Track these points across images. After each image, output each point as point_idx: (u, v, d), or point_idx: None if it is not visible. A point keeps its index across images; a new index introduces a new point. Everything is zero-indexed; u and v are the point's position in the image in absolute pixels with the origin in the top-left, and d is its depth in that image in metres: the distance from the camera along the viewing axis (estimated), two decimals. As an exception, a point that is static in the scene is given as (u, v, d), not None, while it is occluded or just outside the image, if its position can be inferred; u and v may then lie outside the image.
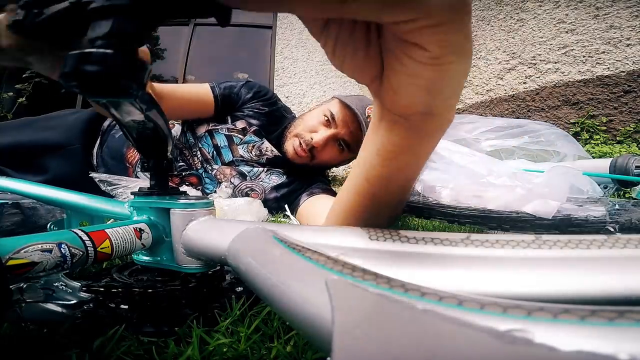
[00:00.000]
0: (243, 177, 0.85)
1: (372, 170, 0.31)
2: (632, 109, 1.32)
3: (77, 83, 0.21)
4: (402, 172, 0.30)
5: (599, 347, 0.08)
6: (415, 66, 0.21)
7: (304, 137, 0.81)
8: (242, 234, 0.23)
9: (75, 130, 0.81)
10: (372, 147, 0.30)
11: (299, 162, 0.84)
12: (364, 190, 0.32)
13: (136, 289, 0.30)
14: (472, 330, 0.09)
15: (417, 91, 0.22)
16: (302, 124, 0.85)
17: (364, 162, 0.31)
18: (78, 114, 0.86)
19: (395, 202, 0.33)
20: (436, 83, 0.22)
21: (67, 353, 0.24)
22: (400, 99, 0.24)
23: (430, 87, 0.22)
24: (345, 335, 0.11)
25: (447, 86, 0.23)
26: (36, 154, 0.78)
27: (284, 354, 0.25)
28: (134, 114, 0.27)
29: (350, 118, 0.81)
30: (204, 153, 0.85)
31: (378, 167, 0.30)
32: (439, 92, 0.23)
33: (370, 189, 0.31)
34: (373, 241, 0.22)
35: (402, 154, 0.28)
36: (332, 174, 2.51)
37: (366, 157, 0.31)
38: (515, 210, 0.37)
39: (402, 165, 0.29)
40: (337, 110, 0.82)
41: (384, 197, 0.32)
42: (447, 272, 0.18)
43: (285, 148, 0.85)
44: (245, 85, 0.91)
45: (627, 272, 0.15)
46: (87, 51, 0.20)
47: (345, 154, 0.85)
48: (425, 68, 0.21)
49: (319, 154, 0.82)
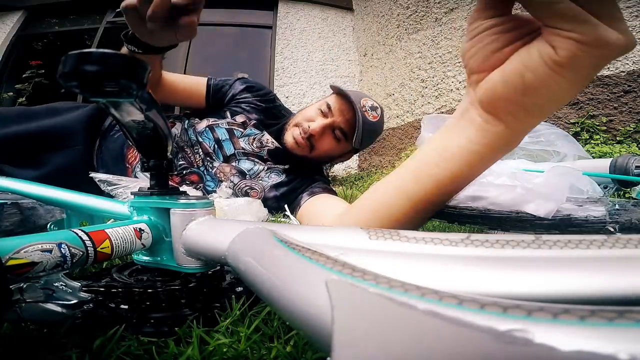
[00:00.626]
0: (243, 176, 0.85)
1: (425, 167, 0.32)
2: (632, 109, 1.32)
3: (77, 83, 0.21)
4: (454, 177, 0.31)
5: (599, 347, 0.08)
6: (537, 62, 0.23)
7: (302, 126, 0.83)
8: (242, 234, 0.23)
9: (80, 128, 0.80)
10: (433, 145, 0.32)
11: (298, 152, 0.85)
12: (410, 189, 0.33)
13: (136, 289, 0.30)
14: (472, 330, 0.09)
15: (520, 85, 0.25)
16: (301, 115, 0.87)
17: (419, 158, 0.33)
18: (80, 109, 0.84)
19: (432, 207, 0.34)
20: (542, 89, 0.24)
21: (67, 353, 0.24)
22: (503, 89, 0.26)
23: (534, 88, 0.24)
24: (345, 335, 0.11)
25: (546, 97, 0.25)
26: (36, 148, 0.76)
27: (284, 354, 0.25)
28: (134, 114, 0.27)
29: (346, 107, 0.83)
30: (205, 147, 0.85)
31: (432, 166, 0.31)
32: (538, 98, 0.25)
33: (416, 188, 0.32)
34: (373, 241, 0.22)
35: (461, 159, 0.30)
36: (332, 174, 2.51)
37: (424, 154, 0.32)
38: (515, 210, 0.37)
39: (455, 169, 0.30)
40: (334, 101, 0.85)
41: (424, 198, 0.33)
42: (447, 272, 0.18)
43: (285, 139, 0.86)
44: (240, 80, 0.93)
45: (627, 272, 0.15)
46: (87, 51, 0.20)
47: (343, 144, 0.86)
48: (544, 67, 0.23)
49: (318, 143, 0.84)
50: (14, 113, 0.82)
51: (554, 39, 0.22)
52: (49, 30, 3.41)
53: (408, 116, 2.30)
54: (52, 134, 0.77)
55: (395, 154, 2.34)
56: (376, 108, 0.85)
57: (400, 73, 2.41)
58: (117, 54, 0.21)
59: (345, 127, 0.84)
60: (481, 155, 0.29)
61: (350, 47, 3.16)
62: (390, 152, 2.44)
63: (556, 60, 0.22)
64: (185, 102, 0.91)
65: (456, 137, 0.30)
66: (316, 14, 3.20)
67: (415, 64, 2.26)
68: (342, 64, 3.10)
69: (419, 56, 2.23)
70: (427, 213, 0.35)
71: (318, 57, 3.07)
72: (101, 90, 0.22)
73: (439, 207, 0.35)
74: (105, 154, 0.81)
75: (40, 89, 2.72)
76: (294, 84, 2.98)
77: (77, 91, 0.22)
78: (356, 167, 2.80)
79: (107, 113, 0.27)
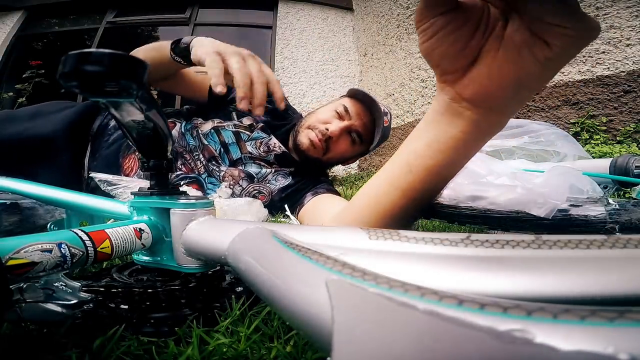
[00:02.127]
0: (251, 180, 0.84)
1: (418, 160, 0.32)
2: (632, 109, 1.32)
3: (77, 83, 0.21)
4: (447, 167, 0.32)
5: (599, 347, 0.08)
6: (529, 60, 0.23)
7: (319, 128, 0.82)
8: (242, 234, 0.23)
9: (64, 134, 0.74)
10: (423, 140, 0.32)
11: (313, 154, 0.84)
12: (402, 181, 0.33)
13: (136, 289, 0.30)
14: (472, 330, 0.09)
15: (511, 82, 0.25)
16: (314, 117, 0.86)
17: (409, 152, 0.33)
18: (65, 111, 0.79)
19: (427, 198, 0.35)
20: (532, 81, 0.25)
21: (67, 353, 0.24)
22: (492, 87, 0.26)
23: (525, 82, 0.25)
24: (345, 335, 0.11)
25: (536, 87, 0.26)
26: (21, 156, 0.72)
27: (284, 354, 0.25)
28: (134, 114, 0.27)
29: (363, 111, 0.83)
30: (210, 151, 0.82)
31: (426, 159, 0.31)
32: (528, 89, 0.25)
33: (411, 180, 0.33)
34: (373, 241, 0.22)
35: (455, 149, 0.30)
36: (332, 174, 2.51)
37: (413, 148, 0.33)
38: (516, 210, 0.37)
39: (448, 160, 0.31)
40: (350, 104, 0.84)
41: (420, 190, 0.33)
42: (447, 272, 0.18)
43: (300, 140, 0.84)
44: None
45: (627, 272, 0.15)
46: (87, 51, 0.20)
47: (357, 146, 0.87)
48: (535, 64, 0.23)
49: (334, 146, 0.83)
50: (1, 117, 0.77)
51: (547, 35, 0.22)
52: (49, 30, 3.41)
53: (408, 116, 2.30)
54: (34, 140, 0.72)
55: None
56: (387, 113, 0.85)
57: (400, 73, 2.41)
58: (117, 53, 0.21)
59: (362, 130, 0.84)
60: (476, 142, 0.30)
61: (350, 47, 3.16)
62: (390, 152, 2.44)
63: (549, 56, 0.23)
64: (190, 95, 0.89)
65: (446, 130, 0.30)
66: (316, 14, 3.20)
67: (415, 64, 2.26)
68: (342, 64, 3.10)
69: (419, 56, 2.23)
70: (423, 202, 0.35)
71: (318, 57, 3.07)
72: (101, 90, 0.22)
73: (434, 195, 0.36)
74: (100, 162, 0.77)
75: (40, 89, 2.72)
76: (294, 84, 2.98)
77: (77, 91, 0.22)
78: (356, 167, 2.80)
79: (105, 112, 0.27)
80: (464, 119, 0.28)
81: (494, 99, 0.27)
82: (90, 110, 0.81)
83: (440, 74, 0.28)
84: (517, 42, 0.23)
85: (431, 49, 0.26)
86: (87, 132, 0.79)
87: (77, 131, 0.77)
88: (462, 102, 0.28)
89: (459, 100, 0.28)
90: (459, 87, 0.27)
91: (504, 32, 0.24)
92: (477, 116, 0.28)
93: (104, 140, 0.78)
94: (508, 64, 0.24)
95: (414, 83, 2.27)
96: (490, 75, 0.25)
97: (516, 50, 0.24)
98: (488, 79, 0.26)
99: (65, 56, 0.21)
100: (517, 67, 0.24)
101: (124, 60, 0.21)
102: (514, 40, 0.24)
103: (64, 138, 0.75)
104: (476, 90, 0.27)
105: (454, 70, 0.27)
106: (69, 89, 0.22)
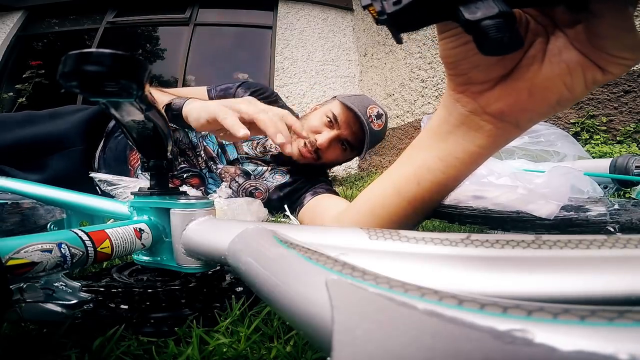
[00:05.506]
0: (247, 176, 0.85)
1: (427, 175, 0.31)
2: (632, 109, 1.32)
3: (77, 83, 0.21)
4: (457, 180, 0.31)
5: (599, 347, 0.08)
6: (578, 81, 0.22)
7: (308, 139, 0.82)
8: (242, 234, 0.23)
9: (79, 130, 0.81)
10: (433, 152, 0.30)
11: (304, 162, 0.85)
12: (410, 192, 0.33)
13: (136, 289, 0.30)
14: (472, 330, 0.09)
15: (553, 100, 0.24)
16: (305, 124, 0.85)
17: (420, 166, 0.32)
18: (82, 112, 0.85)
19: (433, 206, 0.35)
20: (571, 101, 0.23)
21: (67, 353, 0.24)
22: (531, 103, 0.24)
23: (564, 101, 0.24)
24: (345, 335, 0.11)
25: (570, 105, 0.25)
26: (38, 152, 0.77)
27: (284, 354, 0.25)
28: (134, 114, 0.27)
29: (352, 119, 0.82)
30: (208, 151, 0.85)
31: (437, 173, 0.30)
32: (562, 107, 0.24)
33: (420, 192, 0.32)
34: (373, 241, 0.22)
35: (469, 164, 0.29)
36: (332, 174, 2.51)
37: (424, 160, 0.31)
38: (516, 210, 0.37)
39: (459, 174, 0.30)
40: (339, 111, 0.83)
41: (428, 200, 0.33)
42: (448, 272, 0.18)
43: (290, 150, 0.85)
44: (242, 85, 0.91)
45: (627, 272, 0.15)
46: (87, 51, 0.20)
47: (348, 153, 0.87)
48: (584, 85, 0.22)
49: (324, 154, 0.84)
50: (18, 118, 0.83)
51: (604, 62, 0.21)
52: (49, 31, 3.41)
53: (408, 116, 2.30)
54: (51, 138, 0.78)
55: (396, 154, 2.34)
56: (381, 115, 0.84)
57: (400, 73, 2.41)
58: (117, 53, 0.21)
59: (352, 139, 0.83)
60: (489, 155, 0.29)
61: (350, 47, 3.16)
62: (390, 152, 2.44)
63: (601, 80, 0.22)
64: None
65: (462, 144, 0.28)
66: (316, 14, 3.20)
67: (415, 64, 2.26)
68: (342, 64, 3.10)
69: (419, 56, 2.23)
70: (426, 212, 0.35)
71: (318, 57, 3.07)
72: (101, 90, 0.22)
73: (437, 204, 0.35)
74: (109, 155, 0.82)
75: (41, 89, 2.72)
76: (294, 84, 2.98)
77: (77, 91, 0.22)
78: (356, 167, 2.80)
79: (108, 113, 0.27)
80: (482, 132, 0.27)
81: (526, 114, 0.25)
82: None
83: (460, 83, 0.26)
84: (569, 62, 0.22)
85: (461, 56, 0.24)
86: (102, 130, 0.84)
87: (91, 129, 0.82)
88: (484, 116, 0.26)
89: (480, 114, 0.26)
90: (484, 99, 0.26)
91: (545, 47, 0.23)
92: (498, 130, 0.26)
93: (115, 136, 0.83)
94: (555, 82, 0.23)
95: (414, 83, 2.27)
96: (532, 91, 0.24)
97: (567, 70, 0.22)
98: (528, 95, 0.24)
99: (66, 56, 0.21)
100: (565, 87, 0.23)
101: (124, 60, 0.21)
102: (564, 59, 0.22)
103: (79, 134, 0.80)
104: (509, 104, 0.25)
105: (484, 81, 0.25)
106: (69, 89, 0.22)
